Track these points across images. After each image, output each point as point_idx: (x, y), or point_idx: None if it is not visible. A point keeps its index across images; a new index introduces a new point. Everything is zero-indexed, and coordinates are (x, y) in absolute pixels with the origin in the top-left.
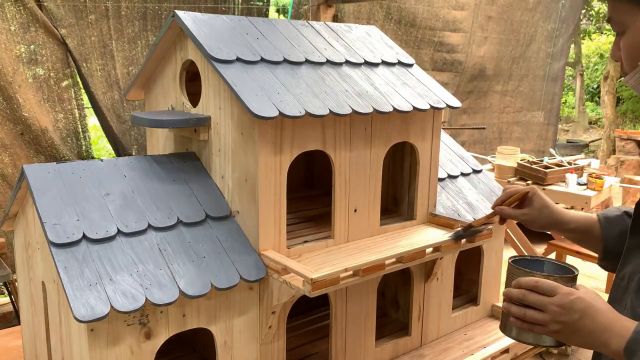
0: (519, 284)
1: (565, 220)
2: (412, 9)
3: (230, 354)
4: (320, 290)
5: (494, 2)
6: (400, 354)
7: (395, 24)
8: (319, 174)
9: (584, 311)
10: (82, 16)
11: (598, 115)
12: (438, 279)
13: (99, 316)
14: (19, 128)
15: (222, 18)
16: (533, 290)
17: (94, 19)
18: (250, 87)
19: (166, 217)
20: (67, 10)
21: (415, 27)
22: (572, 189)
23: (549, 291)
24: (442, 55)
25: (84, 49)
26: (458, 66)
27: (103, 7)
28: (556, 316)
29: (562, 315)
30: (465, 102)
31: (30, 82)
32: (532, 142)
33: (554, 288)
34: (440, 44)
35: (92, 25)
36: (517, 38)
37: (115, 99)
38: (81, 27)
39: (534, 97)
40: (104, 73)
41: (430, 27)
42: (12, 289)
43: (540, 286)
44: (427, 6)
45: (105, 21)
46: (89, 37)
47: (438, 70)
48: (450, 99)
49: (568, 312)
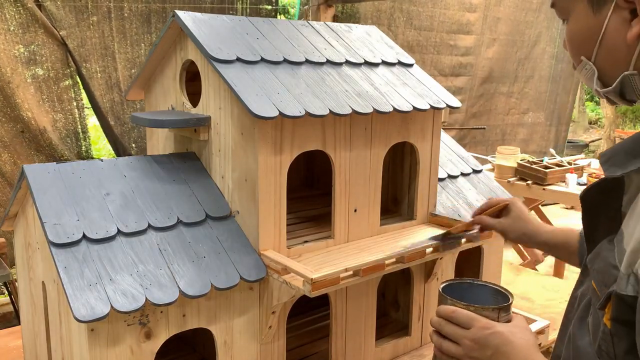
0: (438, 312)
1: (538, 233)
2: (429, 13)
3: (230, 354)
4: (320, 290)
5: (501, 3)
6: (400, 354)
7: (415, 30)
8: (319, 174)
9: (497, 348)
10: (83, 17)
11: (598, 115)
12: (438, 279)
13: (99, 316)
14: (19, 127)
15: (222, 18)
16: (450, 321)
17: (96, 20)
18: (250, 87)
19: (166, 217)
20: (67, 11)
21: (433, 31)
22: (572, 189)
23: (465, 323)
24: (458, 59)
25: (85, 50)
26: (470, 69)
27: (105, 8)
28: (469, 351)
29: (475, 351)
30: (475, 106)
31: (29, 82)
32: (535, 143)
33: (469, 320)
34: (456, 47)
35: (94, 27)
36: (523, 39)
37: (115, 100)
38: (82, 28)
39: (540, 98)
40: (104, 75)
41: (446, 30)
42: (12, 289)
43: (457, 317)
44: (443, 9)
45: (107, 22)
46: (90, 38)
47: (455, 75)
48: (450, 99)
49: (481, 348)
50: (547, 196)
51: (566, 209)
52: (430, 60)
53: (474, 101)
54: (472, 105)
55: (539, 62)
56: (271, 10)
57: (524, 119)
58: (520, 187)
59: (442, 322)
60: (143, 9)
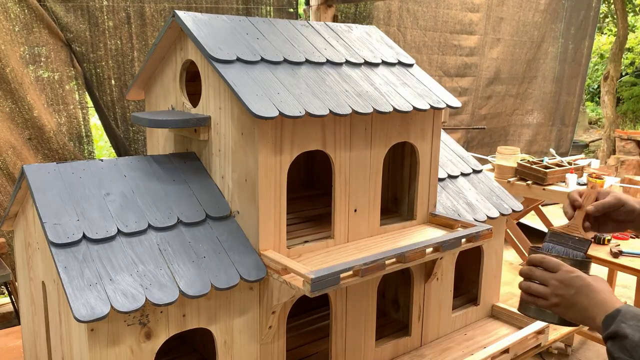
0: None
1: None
2: (433, 13)
3: (230, 354)
4: (320, 291)
5: (503, 3)
6: (400, 354)
7: (422, 31)
8: (319, 174)
9: (580, 288)
10: (89, 20)
11: (598, 116)
12: (438, 279)
13: (99, 316)
14: (26, 130)
15: (222, 18)
16: (539, 266)
17: (101, 22)
18: (250, 87)
19: (166, 217)
20: (72, 13)
21: (437, 31)
22: (572, 189)
23: (552, 267)
24: (463, 60)
25: (89, 51)
26: (475, 70)
27: (123, 12)
28: (555, 289)
29: (561, 289)
30: (484, 108)
31: (33, 83)
32: (538, 144)
33: (557, 265)
34: (460, 47)
35: (99, 28)
36: (531, 40)
37: (118, 102)
38: (86, 30)
39: (544, 99)
40: (108, 77)
41: (450, 30)
42: (12, 289)
43: (546, 262)
44: (446, 9)
45: (111, 24)
46: (95, 40)
47: (460, 75)
48: (450, 99)
49: (566, 287)
50: (547, 196)
51: None
52: (436, 60)
53: (480, 102)
54: (480, 107)
55: (542, 62)
56: (293, 13)
57: (528, 119)
58: (520, 187)
59: (532, 268)
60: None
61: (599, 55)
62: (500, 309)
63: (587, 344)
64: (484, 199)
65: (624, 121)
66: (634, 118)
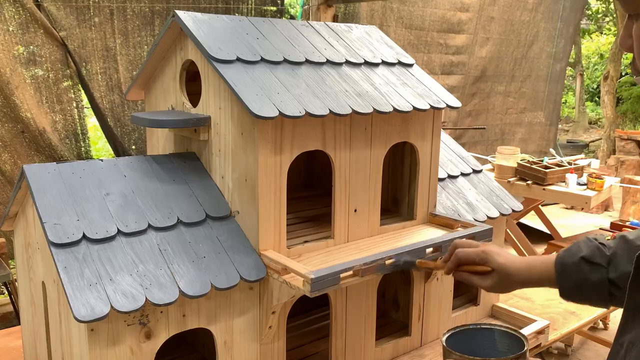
0: None
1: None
2: (420, 12)
3: (230, 354)
4: (320, 291)
5: (495, 3)
6: (400, 354)
7: (406, 29)
8: (319, 174)
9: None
10: (84, 18)
11: (598, 116)
12: (438, 279)
13: (99, 316)
14: (19, 127)
15: (222, 18)
16: None
17: (97, 22)
18: (250, 87)
19: (166, 217)
20: (67, 11)
21: (424, 30)
22: (572, 189)
23: None
24: (449, 58)
25: (85, 51)
26: (462, 68)
27: (107, 9)
28: None
29: None
30: (469, 105)
31: (28, 82)
32: (534, 143)
33: None
34: (446, 46)
35: (95, 28)
36: (519, 39)
37: (115, 101)
38: (82, 29)
39: (537, 97)
40: (105, 76)
41: (437, 29)
42: (12, 289)
43: None
44: (433, 9)
45: (109, 24)
46: (90, 39)
47: (446, 73)
48: (450, 99)
49: None
50: (547, 196)
51: (566, 209)
52: (421, 59)
53: (466, 99)
54: (466, 103)
55: (536, 61)
56: (276, 11)
57: (521, 118)
58: (520, 187)
59: None
60: (146, 10)
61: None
62: (500, 309)
63: (587, 344)
64: (484, 199)
65: (624, 121)
66: (633, 118)
